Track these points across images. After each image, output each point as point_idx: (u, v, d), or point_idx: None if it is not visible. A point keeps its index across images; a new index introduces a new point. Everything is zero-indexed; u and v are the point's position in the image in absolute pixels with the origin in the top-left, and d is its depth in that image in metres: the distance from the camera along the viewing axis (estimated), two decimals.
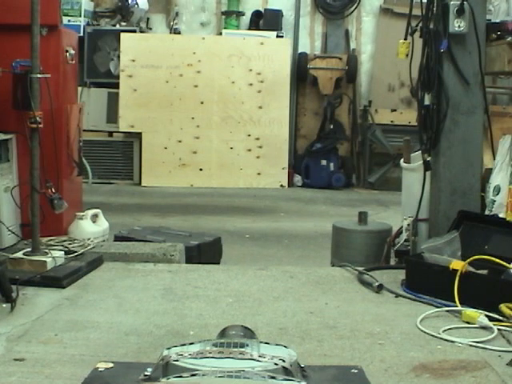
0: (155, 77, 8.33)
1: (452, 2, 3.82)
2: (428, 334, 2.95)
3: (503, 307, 3.08)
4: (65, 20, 7.97)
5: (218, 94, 8.40)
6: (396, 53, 4.08)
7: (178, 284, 3.65)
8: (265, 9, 8.99)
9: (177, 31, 8.86)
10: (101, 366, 2.34)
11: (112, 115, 8.48)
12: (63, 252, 3.87)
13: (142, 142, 8.32)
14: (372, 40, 9.12)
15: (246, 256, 5.12)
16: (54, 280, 3.53)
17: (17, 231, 4.25)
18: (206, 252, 4.40)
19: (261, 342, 2.24)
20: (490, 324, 3.01)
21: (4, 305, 3.18)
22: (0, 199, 4.11)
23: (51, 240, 4.16)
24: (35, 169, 3.73)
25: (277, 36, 8.61)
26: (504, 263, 3.28)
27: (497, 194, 4.04)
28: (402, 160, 4.41)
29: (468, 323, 3.07)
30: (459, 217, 3.81)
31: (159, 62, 8.35)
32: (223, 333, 2.43)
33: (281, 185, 8.44)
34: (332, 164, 8.54)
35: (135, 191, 7.94)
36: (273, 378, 1.96)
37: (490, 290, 3.23)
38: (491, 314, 3.07)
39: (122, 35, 8.37)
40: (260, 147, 8.42)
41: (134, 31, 8.62)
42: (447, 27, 3.83)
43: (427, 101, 3.96)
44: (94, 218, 4.54)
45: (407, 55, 4.05)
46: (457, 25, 3.82)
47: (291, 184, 8.56)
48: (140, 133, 8.34)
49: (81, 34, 8.18)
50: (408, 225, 4.06)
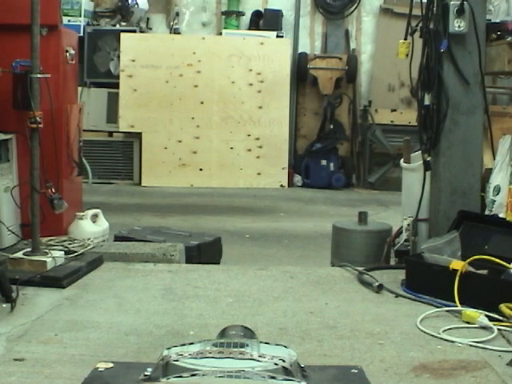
0: (155, 77, 8.32)
1: (452, 2, 3.82)
2: (428, 334, 2.95)
3: (503, 307, 3.08)
4: (65, 20, 7.96)
5: (218, 94, 8.39)
6: (396, 53, 4.08)
7: (178, 284, 3.65)
8: (265, 9, 8.98)
9: (177, 31, 8.86)
10: (101, 366, 2.34)
11: (112, 115, 8.47)
12: (63, 252, 3.87)
13: (142, 142, 8.32)
14: (372, 40, 9.12)
15: (246, 256, 5.12)
16: (54, 280, 3.54)
17: (17, 231, 4.25)
18: (206, 252, 4.40)
19: (261, 342, 2.24)
20: (490, 324, 3.01)
21: (4, 305, 3.18)
22: (0, 199, 4.11)
23: (51, 240, 4.16)
24: (35, 169, 3.73)
25: (277, 36, 8.60)
26: (504, 263, 3.28)
27: (497, 194, 4.04)
28: (402, 160, 4.41)
29: (468, 323, 3.07)
30: (459, 217, 3.81)
31: (159, 62, 8.34)
32: (223, 333, 2.43)
33: (281, 185, 8.43)
34: (332, 164, 8.53)
35: (135, 191, 7.94)
36: (273, 378, 1.96)
37: (490, 290, 3.23)
38: (491, 314, 3.07)
39: (122, 35, 8.37)
40: (260, 147, 8.42)
41: (134, 31, 8.62)
42: (447, 27, 3.83)
43: (427, 101, 3.96)
44: (94, 218, 4.54)
45: (407, 55, 4.05)
46: (457, 25, 3.82)
47: (291, 184, 8.56)
48: (140, 133, 8.33)
49: (81, 34, 8.18)
50: (408, 225, 4.06)
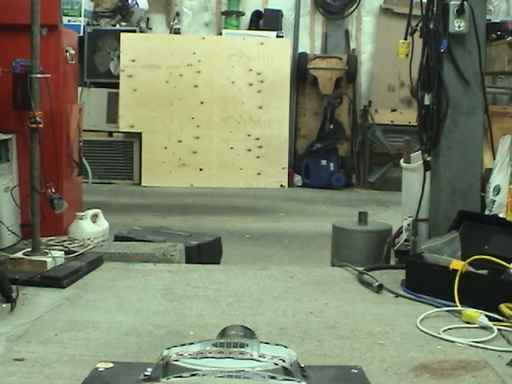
0: (155, 77, 8.32)
1: (452, 2, 3.82)
2: (428, 334, 2.95)
3: (503, 307, 3.08)
4: (65, 20, 7.96)
5: (218, 94, 8.39)
6: (396, 53, 4.08)
7: (178, 284, 3.65)
8: (265, 9, 8.98)
9: (177, 31, 8.86)
10: (101, 366, 2.34)
11: (112, 115, 8.47)
12: (63, 252, 3.87)
13: (142, 142, 8.31)
14: (372, 40, 9.12)
15: (246, 256, 5.12)
16: (54, 280, 3.53)
17: (17, 231, 4.25)
18: (206, 252, 4.40)
19: (261, 342, 2.24)
20: (490, 324, 3.01)
21: (4, 305, 3.18)
22: (0, 199, 4.11)
23: (51, 240, 4.16)
24: (35, 169, 3.73)
25: (277, 36, 8.60)
26: (504, 263, 3.28)
27: (497, 194, 4.04)
28: (402, 160, 4.41)
29: (468, 323, 3.07)
30: (459, 217, 3.81)
31: (159, 62, 8.34)
32: (223, 333, 2.43)
33: (281, 185, 8.43)
34: (332, 164, 8.53)
35: (135, 191, 7.93)
36: (273, 378, 1.96)
37: (490, 290, 3.23)
38: (491, 314, 3.07)
39: (122, 35, 8.37)
40: (260, 147, 8.42)
41: (134, 31, 8.62)
42: (447, 27, 3.83)
43: (427, 101, 3.96)
44: (94, 218, 4.54)
45: (407, 55, 4.05)
46: (457, 25, 3.82)
47: (291, 184, 8.55)
48: (140, 133, 8.33)
49: (81, 34, 8.17)
50: (408, 225, 4.06)
